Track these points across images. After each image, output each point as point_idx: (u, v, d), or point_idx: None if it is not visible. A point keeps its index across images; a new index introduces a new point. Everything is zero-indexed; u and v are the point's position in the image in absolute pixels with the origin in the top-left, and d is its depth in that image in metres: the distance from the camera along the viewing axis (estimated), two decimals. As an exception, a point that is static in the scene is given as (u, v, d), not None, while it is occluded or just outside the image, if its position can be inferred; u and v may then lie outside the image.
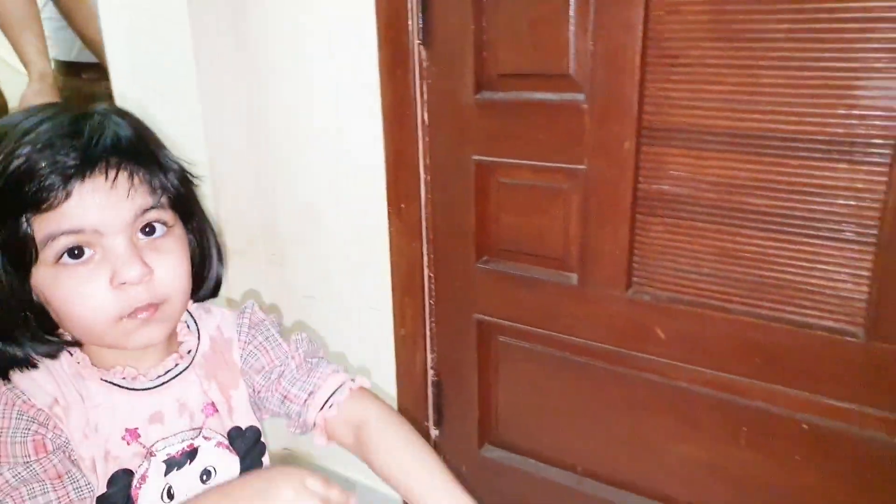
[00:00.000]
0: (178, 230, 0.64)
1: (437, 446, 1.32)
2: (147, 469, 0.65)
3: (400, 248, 1.24)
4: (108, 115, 0.60)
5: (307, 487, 0.55)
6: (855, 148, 0.84)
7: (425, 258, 1.22)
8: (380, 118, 1.17)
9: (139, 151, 0.59)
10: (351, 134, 1.24)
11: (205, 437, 0.69)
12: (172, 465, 0.67)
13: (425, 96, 1.14)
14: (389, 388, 1.35)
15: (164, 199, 0.61)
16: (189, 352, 0.71)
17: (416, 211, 1.19)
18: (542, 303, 1.13)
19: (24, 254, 0.56)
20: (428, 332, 1.28)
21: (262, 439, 0.75)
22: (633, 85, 0.95)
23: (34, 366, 0.62)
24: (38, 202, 0.54)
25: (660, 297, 1.02)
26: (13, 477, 0.58)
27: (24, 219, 0.55)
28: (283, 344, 0.76)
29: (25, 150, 0.54)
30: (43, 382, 0.62)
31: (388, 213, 1.22)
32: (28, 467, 0.58)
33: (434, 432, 1.33)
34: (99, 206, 0.56)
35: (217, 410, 0.71)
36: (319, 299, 1.40)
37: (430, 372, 1.30)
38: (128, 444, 0.65)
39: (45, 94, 1.30)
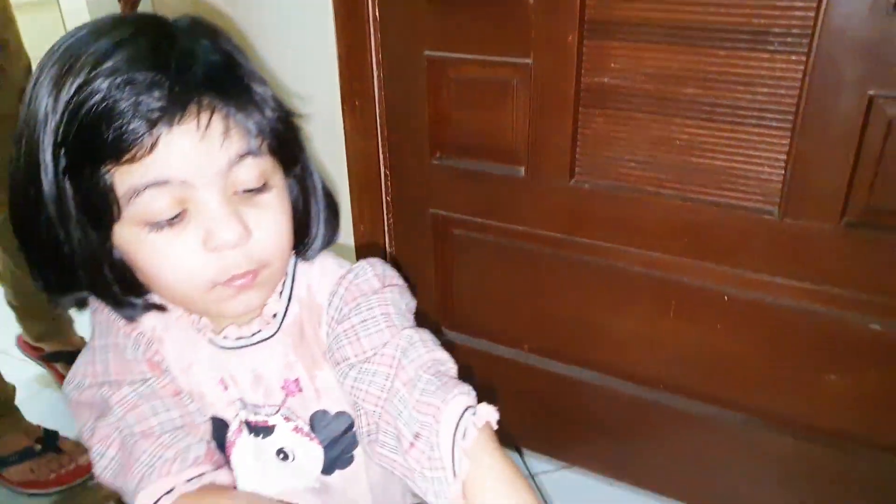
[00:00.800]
0: (279, 180, 0.54)
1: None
2: (241, 422, 0.62)
3: (356, 146, 1.29)
4: (197, 38, 0.50)
5: None
6: (776, 38, 0.90)
7: (381, 155, 1.27)
8: (331, 14, 1.19)
9: (234, 86, 0.49)
10: (302, 30, 1.25)
11: (284, 418, 0.61)
12: (252, 429, 0.62)
13: (376, -8, 1.16)
14: (351, 281, 1.42)
15: (262, 145, 0.51)
16: (274, 316, 0.60)
17: (371, 108, 1.23)
18: (492, 196, 1.20)
19: (104, 209, 0.48)
20: (386, 228, 1.34)
21: (355, 428, 0.62)
22: (575, -21, 0.98)
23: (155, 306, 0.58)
24: (119, 151, 0.46)
25: (600, 186, 1.10)
26: (133, 392, 0.57)
27: (103, 169, 0.46)
28: (387, 331, 0.58)
29: (102, 84, 0.45)
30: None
31: (343, 110, 1.25)
32: (147, 384, 0.58)
33: (394, 321, 1.42)
34: (189, 154, 0.47)
35: (301, 390, 0.61)
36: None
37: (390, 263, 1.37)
38: (224, 389, 0.61)
39: None
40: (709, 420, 1.15)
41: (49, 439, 1.30)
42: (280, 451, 0.62)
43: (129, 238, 0.50)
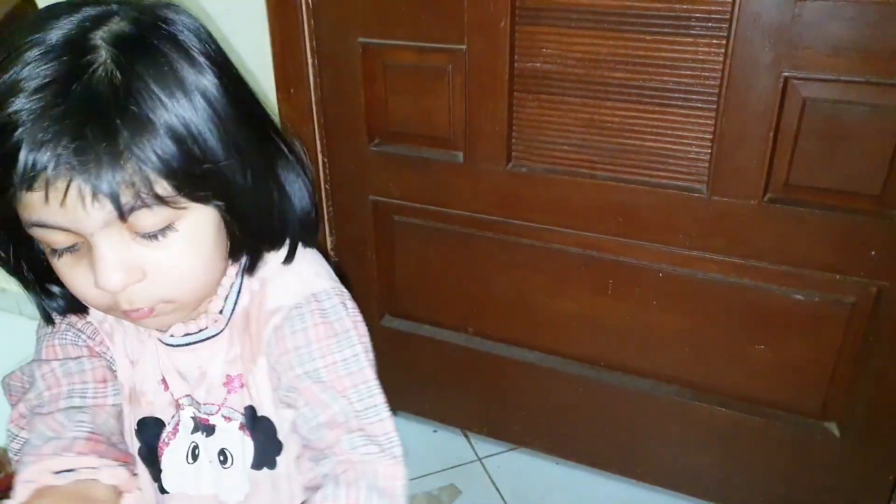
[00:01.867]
0: (191, 218, 0.49)
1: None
2: (178, 423, 0.61)
3: (292, 134, 1.27)
4: (111, 66, 0.44)
5: None
6: (697, 23, 0.93)
7: (318, 143, 1.26)
8: (263, 0, 1.17)
9: (109, 148, 0.43)
10: (235, 16, 1.22)
11: (224, 418, 0.60)
12: (198, 426, 0.61)
13: (308, -22, 1.15)
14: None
15: (166, 193, 0.46)
16: (220, 312, 0.58)
17: (306, 96, 1.22)
18: (431, 181, 1.21)
19: (14, 224, 0.47)
20: (326, 216, 1.34)
21: (280, 437, 0.61)
22: (506, -36, 1.00)
23: (80, 308, 0.58)
24: (5, 185, 0.44)
25: (535, 169, 1.12)
26: (60, 366, 0.58)
27: (6, 192, 0.45)
28: (333, 385, 0.55)
29: (11, 112, 0.43)
30: None
31: (278, 98, 1.24)
32: (77, 361, 0.59)
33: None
34: (62, 210, 0.44)
35: (242, 385, 0.60)
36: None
37: (331, 254, 1.37)
38: (164, 389, 0.60)
39: None
40: (645, 393, 1.19)
41: None
42: (221, 453, 0.61)
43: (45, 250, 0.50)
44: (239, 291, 0.59)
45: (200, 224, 0.50)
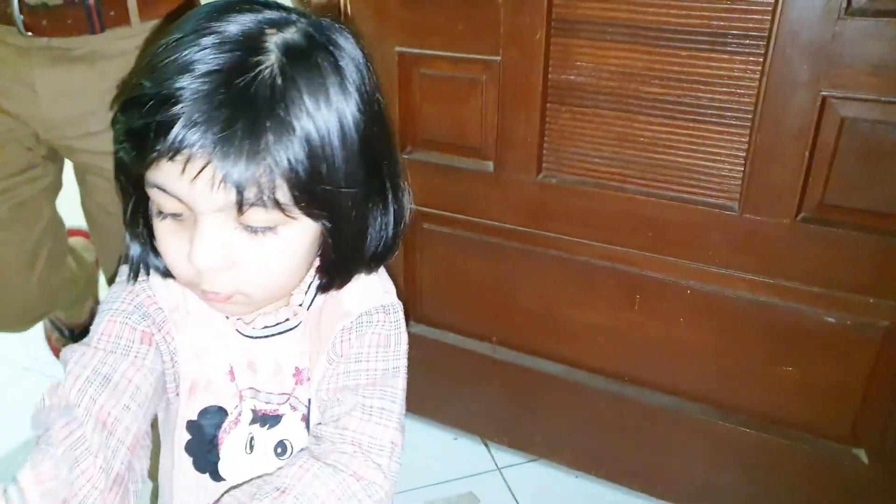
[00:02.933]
0: (296, 228, 0.52)
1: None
2: (240, 413, 0.63)
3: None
4: (276, 72, 0.48)
5: None
6: (734, 40, 0.93)
7: (351, 149, 1.28)
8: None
9: (252, 146, 0.47)
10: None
11: (291, 407, 0.63)
12: (257, 418, 0.63)
13: (347, -13, 1.17)
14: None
15: (270, 204, 0.48)
16: (300, 305, 0.61)
17: (341, 102, 1.23)
18: (461, 190, 1.22)
19: (137, 181, 0.51)
20: (356, 222, 1.35)
21: None
22: (543, -23, 1.01)
23: (171, 275, 0.58)
24: (143, 150, 0.47)
25: (566, 181, 1.12)
26: (101, 363, 0.56)
27: (150, 156, 0.48)
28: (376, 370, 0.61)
29: (165, 75, 0.47)
30: (175, 288, 0.60)
31: (314, 104, 1.25)
32: (127, 348, 0.58)
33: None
34: (187, 185, 0.47)
35: (309, 378, 0.63)
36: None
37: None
38: (231, 380, 0.62)
39: None
40: (669, 410, 1.18)
41: None
42: (279, 445, 0.63)
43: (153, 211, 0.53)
44: (317, 289, 0.62)
45: (301, 236, 0.53)
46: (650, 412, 1.20)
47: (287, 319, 0.61)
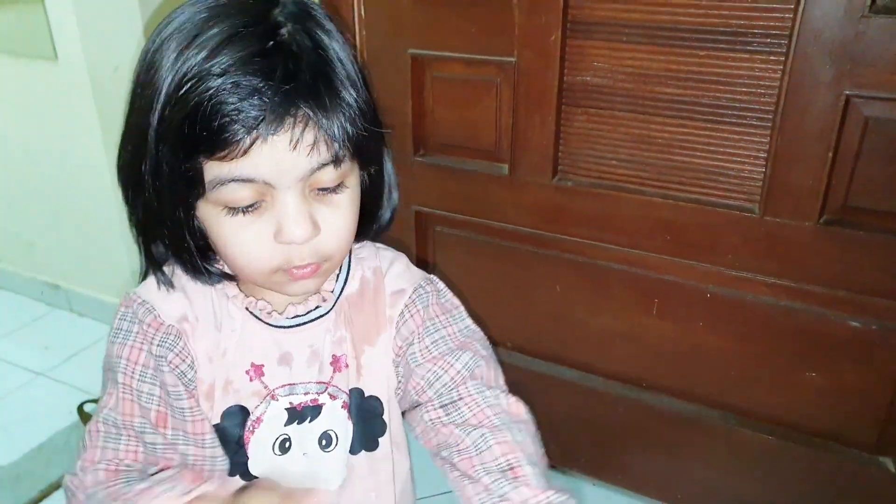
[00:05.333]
0: (354, 178, 0.56)
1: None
2: (264, 412, 0.62)
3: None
4: (302, 35, 0.50)
5: None
6: (755, 39, 0.91)
7: (364, 152, 1.27)
8: (315, 11, 1.18)
9: (329, 97, 0.50)
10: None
11: (331, 396, 0.63)
12: (295, 416, 0.63)
13: (360, -10, 1.16)
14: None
15: (345, 153, 0.52)
16: (331, 291, 0.64)
17: (354, 105, 1.22)
18: (475, 193, 1.20)
19: (190, 188, 0.51)
20: (369, 226, 1.34)
21: (385, 416, 0.66)
22: (558, -23, 0.99)
23: (172, 285, 0.60)
24: (214, 149, 0.48)
25: (581, 183, 1.10)
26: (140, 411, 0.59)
27: (196, 157, 0.49)
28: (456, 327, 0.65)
29: (213, 83, 0.47)
30: (176, 298, 0.61)
31: (327, 107, 1.25)
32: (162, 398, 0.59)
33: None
34: (278, 162, 0.49)
35: (347, 366, 0.64)
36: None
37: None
38: (251, 379, 0.62)
39: None
40: (688, 417, 1.16)
41: None
42: (324, 436, 0.64)
43: (209, 214, 0.53)
44: (347, 274, 0.64)
45: (356, 187, 0.57)
46: (668, 418, 1.18)
47: (318, 307, 0.62)
